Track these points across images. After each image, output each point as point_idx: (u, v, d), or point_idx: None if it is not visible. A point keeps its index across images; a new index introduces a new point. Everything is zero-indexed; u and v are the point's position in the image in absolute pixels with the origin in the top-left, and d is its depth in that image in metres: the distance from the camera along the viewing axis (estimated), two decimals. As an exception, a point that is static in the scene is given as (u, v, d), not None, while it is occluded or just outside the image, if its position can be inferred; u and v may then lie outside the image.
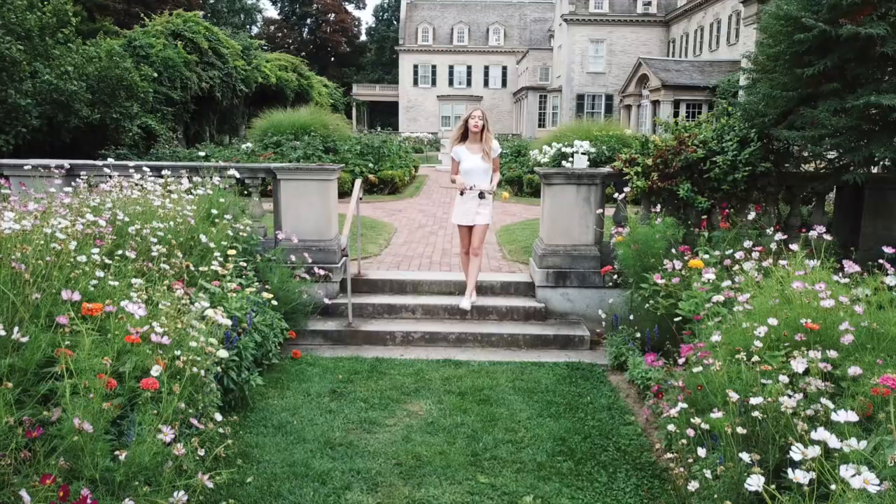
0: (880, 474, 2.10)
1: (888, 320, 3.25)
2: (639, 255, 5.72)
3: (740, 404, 2.88)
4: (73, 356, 2.68)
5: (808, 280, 3.54)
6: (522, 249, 8.86)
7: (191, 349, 3.35)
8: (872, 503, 2.05)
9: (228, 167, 6.63)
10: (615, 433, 4.50)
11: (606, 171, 6.81)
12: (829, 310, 3.28)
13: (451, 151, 6.63)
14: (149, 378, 2.88)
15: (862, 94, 5.01)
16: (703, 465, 2.79)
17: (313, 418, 4.59)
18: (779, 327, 3.35)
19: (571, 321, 6.73)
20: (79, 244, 3.72)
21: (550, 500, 3.63)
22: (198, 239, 5.22)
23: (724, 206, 6.10)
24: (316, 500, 3.57)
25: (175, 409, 2.84)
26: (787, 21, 5.61)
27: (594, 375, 5.63)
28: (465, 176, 6.44)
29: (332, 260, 6.78)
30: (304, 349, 6.01)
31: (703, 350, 3.53)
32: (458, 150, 6.52)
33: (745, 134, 6.15)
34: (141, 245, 4.47)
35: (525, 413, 4.79)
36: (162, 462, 2.65)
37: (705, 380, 3.27)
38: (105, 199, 4.87)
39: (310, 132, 15.79)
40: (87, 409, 2.42)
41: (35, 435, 2.21)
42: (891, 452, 2.09)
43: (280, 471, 3.86)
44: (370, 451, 4.16)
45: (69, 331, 2.85)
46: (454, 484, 3.78)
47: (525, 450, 4.22)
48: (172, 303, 3.61)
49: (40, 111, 14.31)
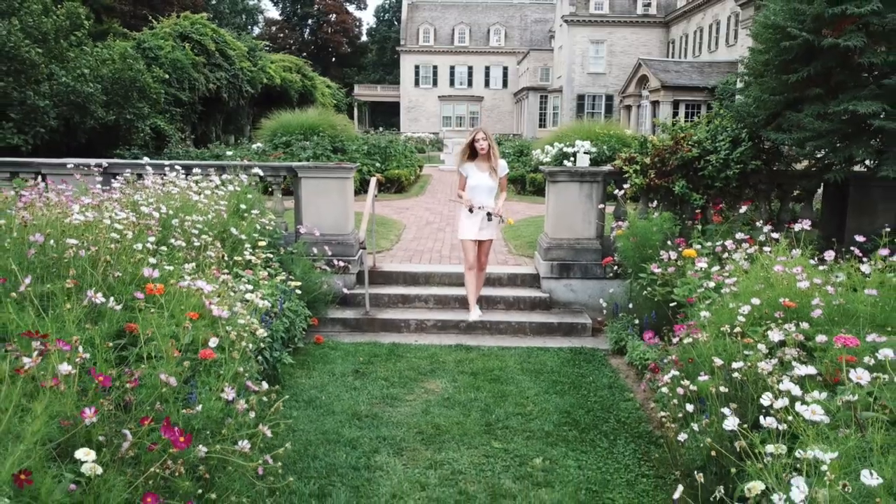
0: (835, 417, 2.53)
1: (857, 299, 3.68)
2: (637, 248, 6.16)
3: (724, 370, 3.31)
4: (148, 327, 3.12)
5: (788, 265, 3.98)
6: (527, 244, 9.30)
7: (239, 325, 3.78)
8: (829, 442, 2.48)
9: (253, 166, 7.07)
10: (615, 408, 4.94)
11: (607, 169, 7.25)
12: (804, 290, 3.72)
13: (459, 167, 6.67)
14: (207, 349, 3.32)
15: (842, 101, 5.45)
16: (690, 419, 3.22)
17: (339, 394, 5.03)
18: (761, 306, 3.78)
19: (574, 310, 7.16)
20: (135, 234, 4.16)
21: (558, 461, 4.07)
22: (229, 231, 5.65)
23: (717, 202, 6.54)
24: (348, 461, 4.01)
25: (234, 374, 3.28)
26: (775, 30, 6.04)
27: (596, 359, 6.06)
28: (471, 192, 6.50)
29: (349, 253, 7.22)
30: (325, 335, 6.44)
31: (694, 328, 3.96)
32: (467, 167, 6.57)
33: (737, 134, 6.59)
34: (184, 236, 4.90)
35: (532, 390, 5.23)
36: (226, 416, 3.08)
37: (695, 352, 3.71)
38: (148, 195, 5.30)
39: (318, 132, 16.24)
40: (168, 367, 2.85)
41: (133, 385, 2.64)
42: (842, 396, 2.52)
43: (314, 438, 4.29)
44: (393, 421, 4.60)
45: (138, 308, 3.29)
46: (471, 448, 4.22)
47: (534, 421, 4.66)
48: (220, 286, 4.05)
49: (58, 112, 14.76)
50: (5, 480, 1.93)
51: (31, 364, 2.29)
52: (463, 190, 6.58)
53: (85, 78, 15.02)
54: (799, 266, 3.88)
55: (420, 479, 3.83)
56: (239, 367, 3.34)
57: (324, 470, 3.90)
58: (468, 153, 6.58)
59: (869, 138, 5.45)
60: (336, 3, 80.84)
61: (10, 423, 2.12)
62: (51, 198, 4.50)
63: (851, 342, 2.78)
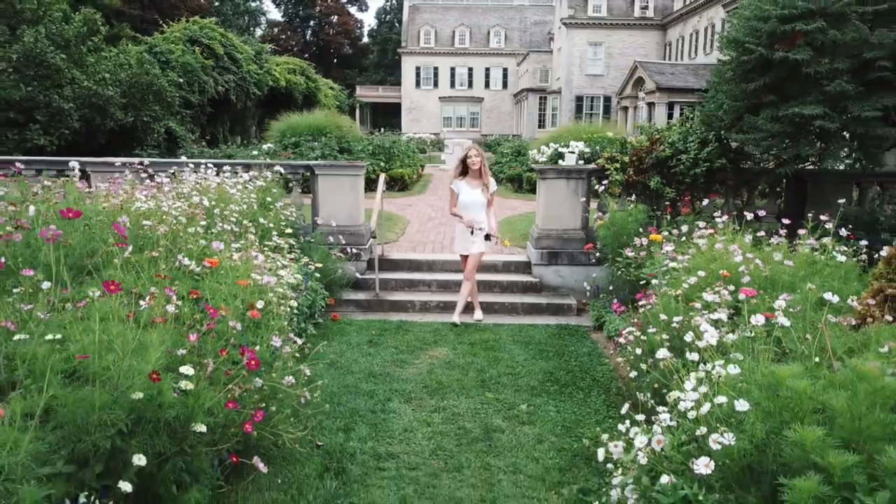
0: (739, 349, 3.36)
1: (782, 271, 4.52)
2: (616, 236, 7.01)
3: (668, 324, 4.15)
4: (209, 290, 3.96)
5: (726, 244, 4.82)
6: (521, 236, 10.14)
7: (278, 293, 4.63)
8: (730, 361, 3.30)
9: (276, 164, 7.92)
10: (592, 370, 5.78)
11: (591, 167, 8.09)
12: (738, 263, 4.55)
13: (452, 184, 7.01)
14: (254, 310, 4.16)
15: (791, 105, 6.29)
16: (639, 361, 4.06)
17: (356, 359, 5.88)
18: (706, 277, 4.61)
19: (562, 293, 8.00)
20: (188, 219, 5.01)
21: (540, 407, 4.92)
22: (258, 221, 6.49)
23: (687, 196, 7.38)
24: (367, 406, 4.86)
25: (280, 328, 4.12)
26: (736, 44, 6.89)
27: (579, 333, 6.91)
28: (464, 208, 6.88)
29: (361, 242, 8.06)
30: (340, 313, 7.28)
31: (650, 295, 4.81)
32: (459, 185, 6.92)
33: (705, 136, 7.44)
34: (224, 222, 5.75)
35: (522, 357, 6.07)
36: (274, 359, 3.92)
37: (650, 313, 4.55)
38: (192, 189, 6.15)
39: (325, 133, 17.09)
40: (233, 316, 3.69)
41: (212, 326, 3.47)
42: (743, 333, 3.35)
43: (337, 390, 5.14)
44: (403, 378, 5.44)
45: (203, 276, 4.13)
46: (468, 398, 5.06)
47: (521, 379, 5.50)
48: (260, 264, 4.90)
49: (80, 114, 15.61)
50: (142, 379, 2.77)
51: (146, 305, 3.14)
52: (456, 206, 6.96)
53: (105, 82, 15.89)
54: (736, 244, 4.72)
55: (426, 419, 4.68)
56: (284, 322, 4.19)
57: (347, 412, 4.75)
58: (461, 169, 6.94)
59: (814, 138, 6.28)
60: (338, 5, 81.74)
61: (134, 347, 2.96)
62: (116, 191, 5.33)
63: (750, 293, 3.63)
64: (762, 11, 6.59)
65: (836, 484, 2.29)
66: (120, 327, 2.95)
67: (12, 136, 14.30)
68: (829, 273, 4.65)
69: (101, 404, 2.61)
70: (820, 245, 5.01)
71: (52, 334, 2.83)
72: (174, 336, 3.19)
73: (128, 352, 2.83)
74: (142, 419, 2.85)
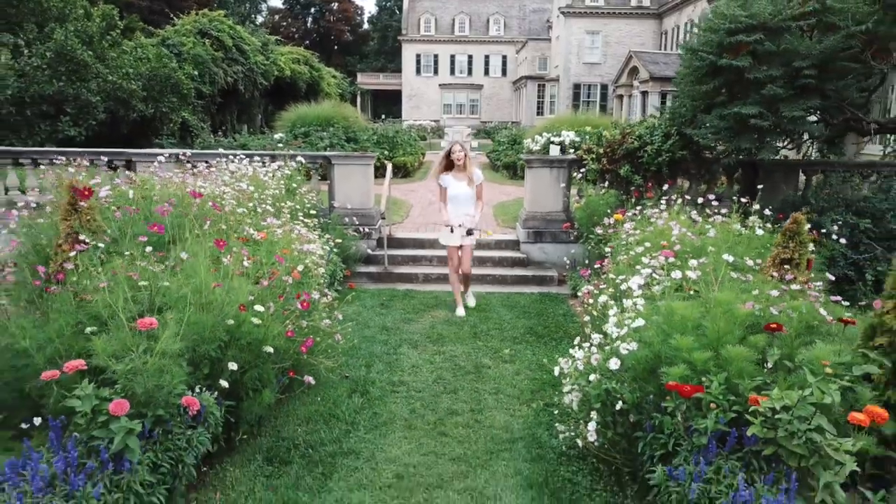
0: (662, 295, 4.59)
1: (710, 242, 5.74)
2: (590, 216, 8.23)
3: (615, 282, 5.37)
4: (261, 256, 5.19)
5: (668, 221, 6.04)
6: (512, 218, 11.36)
7: (313, 260, 5.87)
8: (651, 301, 4.52)
9: (297, 154, 9.13)
10: (565, 326, 7.03)
11: (572, 157, 9.30)
12: (677, 237, 5.77)
13: (439, 179, 7.29)
14: (296, 272, 5.39)
15: (734, 106, 7.47)
16: (591, 307, 5.29)
17: (372, 317, 7.13)
18: (650, 248, 5.83)
19: (545, 267, 9.23)
20: (237, 202, 6.24)
21: (520, 351, 6.17)
22: (286, 203, 7.71)
23: (651, 183, 8.58)
24: (382, 350, 6.11)
25: (318, 284, 5.36)
26: (693, 52, 8.06)
27: (558, 299, 8.15)
28: (452, 201, 7.14)
29: (371, 223, 9.29)
30: (355, 283, 8.52)
31: (607, 262, 6.04)
32: (445, 178, 7.19)
33: (668, 130, 8.63)
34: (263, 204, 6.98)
35: (508, 316, 7.32)
36: (313, 309, 5.16)
37: (605, 276, 5.78)
38: (234, 176, 7.37)
39: (332, 124, 18.26)
40: (285, 272, 4.92)
41: (272, 279, 4.69)
42: (664, 283, 4.57)
43: (357, 340, 6.38)
44: (410, 331, 6.70)
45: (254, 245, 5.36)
46: (463, 345, 6.32)
47: (507, 332, 6.76)
48: (296, 237, 6.13)
49: (105, 107, 16.77)
50: (234, 309, 4.01)
51: (227, 262, 4.38)
52: (443, 200, 7.27)
53: (129, 76, 17.03)
54: (674, 221, 5.95)
55: (429, 359, 5.94)
56: (319, 280, 5.43)
57: (367, 355, 6.01)
58: (444, 164, 7.24)
59: (751, 133, 7.47)
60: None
61: (224, 292, 4.19)
62: (171, 178, 6.55)
63: (669, 255, 4.87)
64: (714, 24, 7.76)
65: (697, 370, 3.53)
66: (213, 277, 4.19)
67: (45, 128, 15.47)
68: (748, 244, 5.87)
69: (211, 325, 3.85)
70: (750, 223, 6.24)
71: (167, 281, 4.06)
72: (248, 285, 4.43)
73: (222, 292, 4.06)
74: (232, 339, 4.10)
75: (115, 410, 3.14)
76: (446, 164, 7.24)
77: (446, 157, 7.22)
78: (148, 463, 3.29)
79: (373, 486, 3.98)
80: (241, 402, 4.24)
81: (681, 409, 3.48)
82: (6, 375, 3.61)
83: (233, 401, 4.20)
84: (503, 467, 4.20)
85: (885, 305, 3.57)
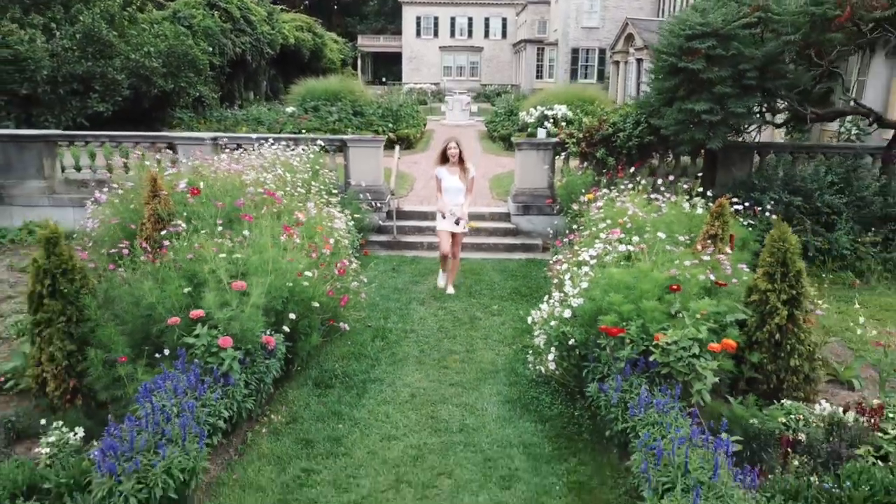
0: (616, 264, 6.09)
1: (659, 220, 7.19)
2: (569, 193, 9.67)
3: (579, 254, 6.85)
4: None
5: (626, 201, 7.49)
6: (506, 192, 12.78)
7: (341, 234, 7.35)
8: (603, 268, 6.00)
9: (318, 138, 10.53)
10: (546, 287, 8.51)
11: (555, 140, 10.69)
12: (630, 216, 7.22)
13: (435, 171, 7.98)
14: (328, 245, 6.86)
15: (689, 102, 8.84)
16: (562, 272, 6.77)
17: (385, 279, 8.65)
18: (610, 224, 7.29)
19: (532, 236, 10.71)
20: (276, 186, 7.68)
21: (506, 307, 7.71)
22: (311, 184, 9.14)
23: (622, 164, 9.99)
24: (396, 306, 7.65)
25: (347, 254, 6.85)
26: (658, 53, 9.39)
27: (541, 265, 9.63)
28: (446, 193, 7.89)
29: (382, 198, 10.73)
30: (369, 250, 10.01)
31: (576, 235, 7.52)
32: (440, 171, 7.92)
33: (638, 118, 10.00)
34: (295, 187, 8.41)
35: (498, 279, 8.84)
36: (348, 272, 6.65)
37: (573, 247, 7.26)
38: (269, 160, 8.80)
39: (340, 98, 19.51)
40: (320, 246, 6.40)
41: (316, 252, 6.16)
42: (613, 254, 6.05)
43: (374, 298, 7.90)
44: (417, 290, 8.23)
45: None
46: (460, 302, 7.85)
47: (496, 291, 8.28)
48: (327, 215, 7.59)
49: (129, 83, 18.02)
50: (293, 274, 5.50)
51: (283, 239, 5.87)
52: (439, 191, 8.02)
53: (150, 54, 18.22)
54: (631, 203, 7.40)
55: (434, 313, 7.48)
56: (348, 251, 6.93)
57: (384, 309, 7.55)
58: (440, 159, 7.95)
59: (703, 126, 8.86)
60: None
61: (286, 262, 5.66)
62: (221, 166, 7.97)
63: (615, 233, 6.35)
64: (675, 30, 9.07)
65: (624, 318, 5.04)
66: (274, 252, 5.68)
67: (76, 104, 16.76)
68: (689, 222, 7.32)
69: (279, 286, 5.35)
70: (694, 202, 7.68)
71: (239, 254, 5.54)
72: (304, 258, 5.92)
73: (285, 263, 5.56)
74: (291, 297, 5.60)
75: (224, 344, 4.66)
76: (442, 158, 7.98)
77: (443, 153, 7.98)
78: (242, 381, 4.83)
79: (394, 401, 5.54)
80: (297, 343, 5.77)
81: (610, 344, 5.01)
82: (137, 322, 5.12)
83: (290, 342, 5.72)
84: (489, 389, 5.76)
85: (757, 272, 5.07)
